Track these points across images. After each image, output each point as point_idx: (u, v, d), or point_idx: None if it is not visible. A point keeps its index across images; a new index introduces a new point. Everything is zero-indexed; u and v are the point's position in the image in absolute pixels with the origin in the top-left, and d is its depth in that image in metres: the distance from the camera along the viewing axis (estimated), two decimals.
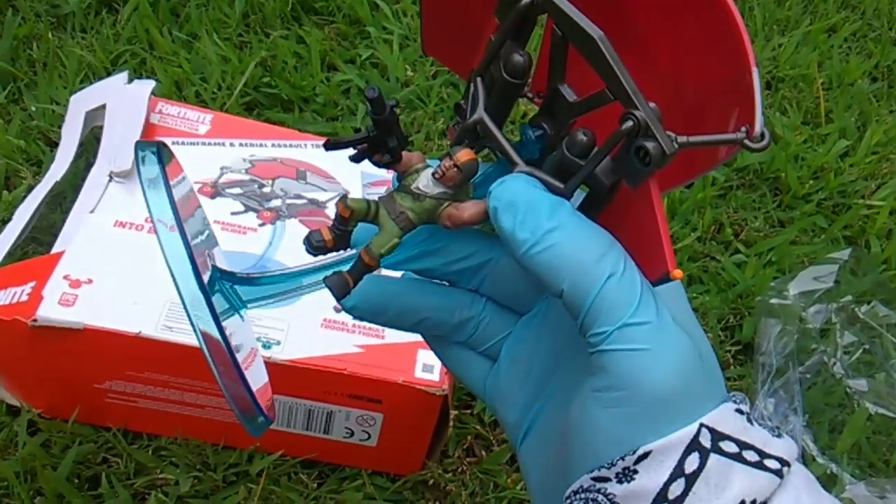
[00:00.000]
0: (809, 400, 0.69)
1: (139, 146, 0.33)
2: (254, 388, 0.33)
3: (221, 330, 0.32)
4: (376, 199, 0.31)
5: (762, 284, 0.77)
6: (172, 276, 0.32)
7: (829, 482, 0.65)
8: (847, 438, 0.67)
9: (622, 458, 0.27)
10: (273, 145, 0.69)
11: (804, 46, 1.07)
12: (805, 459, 0.66)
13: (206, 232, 0.39)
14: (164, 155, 0.33)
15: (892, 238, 0.86)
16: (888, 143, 0.97)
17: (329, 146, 0.31)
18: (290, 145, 0.69)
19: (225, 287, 0.37)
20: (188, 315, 0.32)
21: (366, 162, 0.32)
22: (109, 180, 0.62)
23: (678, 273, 0.27)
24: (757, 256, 0.82)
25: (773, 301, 0.74)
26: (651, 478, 0.27)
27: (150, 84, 0.68)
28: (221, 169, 0.66)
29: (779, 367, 0.69)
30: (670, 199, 0.84)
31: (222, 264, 0.37)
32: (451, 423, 0.60)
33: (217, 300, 0.34)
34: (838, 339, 0.71)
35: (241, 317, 0.37)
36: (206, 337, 0.33)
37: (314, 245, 0.31)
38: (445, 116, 0.86)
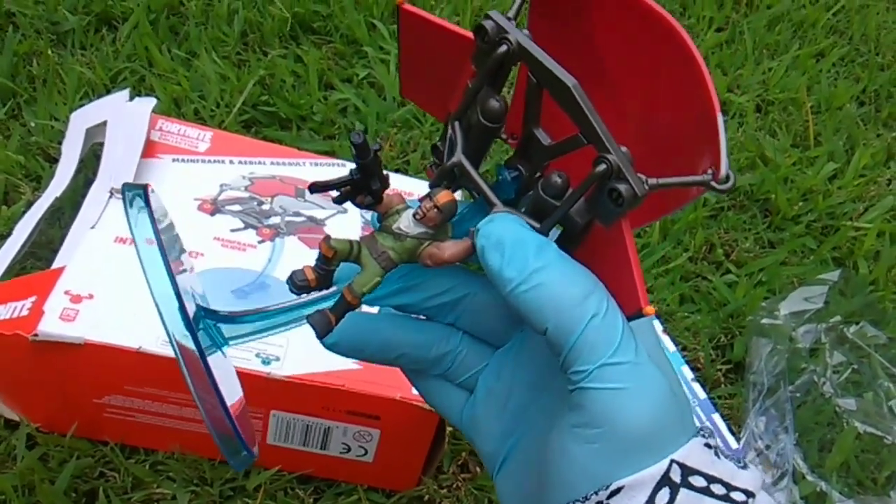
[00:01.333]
0: (800, 418, 0.70)
1: (126, 188, 0.34)
2: (230, 409, 0.34)
3: (207, 366, 0.33)
4: (358, 239, 0.32)
5: (753, 304, 0.78)
6: (156, 303, 0.33)
7: (818, 500, 0.66)
8: (836, 457, 0.68)
9: (595, 493, 0.28)
10: (272, 163, 0.70)
11: (793, 71, 1.08)
12: (795, 477, 0.67)
13: (178, 249, 0.39)
14: (148, 195, 0.34)
15: (880, 259, 0.88)
16: (875, 166, 0.99)
17: (314, 189, 0.32)
18: (289, 163, 0.70)
19: (209, 325, 0.37)
20: (170, 338, 0.32)
21: None
22: (110, 196, 0.63)
23: (650, 309, 0.28)
24: (748, 277, 0.83)
25: (764, 321, 0.75)
26: None
27: (151, 102, 0.69)
28: (221, 186, 0.67)
29: (770, 386, 0.70)
30: (662, 220, 0.86)
31: (199, 292, 0.38)
32: (447, 440, 0.61)
33: (201, 337, 0.34)
34: (828, 358, 0.72)
35: (223, 353, 0.38)
36: (189, 364, 0.33)
37: (297, 284, 0.32)
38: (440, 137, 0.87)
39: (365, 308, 0.34)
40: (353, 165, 0.32)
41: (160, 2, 0.92)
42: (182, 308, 0.32)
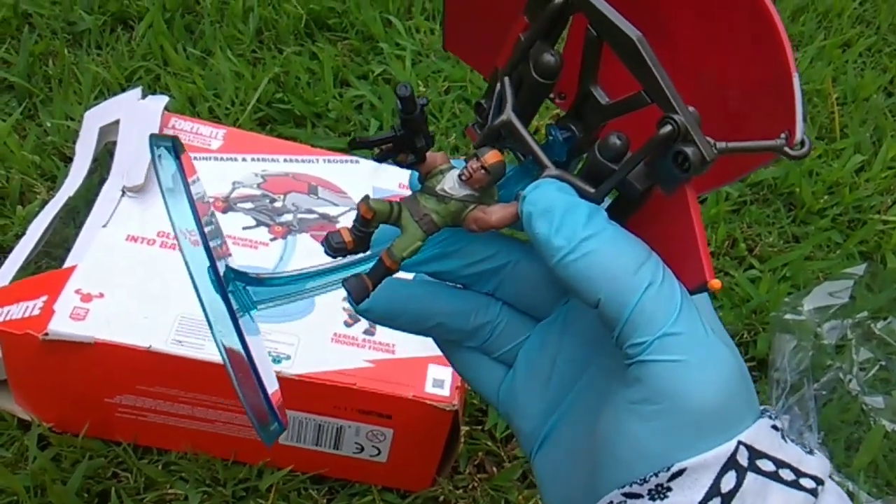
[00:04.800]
0: (825, 417, 0.68)
1: (153, 141, 0.32)
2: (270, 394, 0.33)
3: (243, 339, 0.32)
4: (399, 200, 0.30)
5: (776, 300, 0.77)
6: (195, 285, 0.32)
7: None
8: (863, 456, 0.66)
9: (656, 475, 0.26)
10: (285, 160, 0.69)
11: (819, 61, 1.06)
12: None
13: (219, 237, 0.39)
14: (179, 152, 0.32)
15: None
16: None
17: (354, 145, 0.30)
18: (302, 160, 0.70)
19: (238, 287, 0.36)
20: (209, 323, 0.32)
21: (378, 176, 0.32)
22: (122, 195, 0.63)
23: (716, 283, 0.26)
24: (771, 272, 0.81)
25: (788, 317, 0.73)
26: (685, 496, 0.26)
27: (163, 99, 0.68)
28: (233, 184, 0.66)
29: (793, 384, 0.68)
30: None
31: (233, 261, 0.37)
32: (462, 439, 0.60)
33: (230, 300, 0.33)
34: (854, 355, 0.70)
35: (251, 318, 0.37)
36: (226, 347, 0.32)
37: (333, 246, 0.30)
38: (458, 132, 0.87)
39: (400, 274, 0.33)
40: (369, 162, 0.30)
41: (175, 1, 0.92)
42: (213, 268, 0.31)
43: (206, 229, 0.33)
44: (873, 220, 0.88)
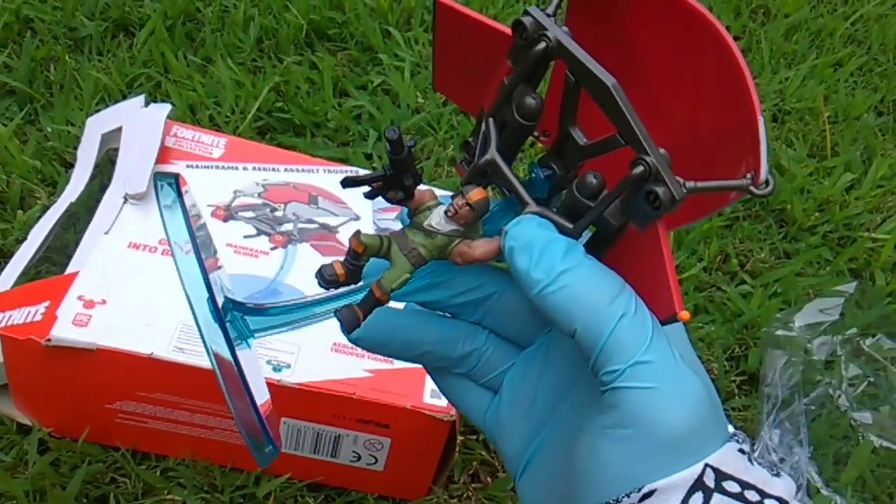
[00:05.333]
0: (814, 432, 0.69)
1: (157, 177, 0.34)
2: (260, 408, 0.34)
3: (235, 355, 0.33)
4: (388, 234, 0.32)
5: (768, 315, 0.78)
6: (189, 300, 0.33)
7: None
8: (851, 471, 0.67)
9: (627, 496, 0.28)
10: (285, 170, 0.70)
11: (811, 80, 1.08)
12: (810, 491, 0.66)
13: (209, 248, 0.40)
14: (180, 184, 0.34)
15: None
16: (893, 176, 0.98)
17: (346, 184, 0.32)
18: (303, 170, 0.70)
19: (236, 317, 0.37)
20: (203, 339, 0.33)
21: None
22: (124, 202, 0.63)
23: (685, 314, 0.28)
24: (763, 287, 0.83)
25: (779, 332, 0.74)
26: None
27: (166, 108, 0.69)
28: (234, 192, 0.67)
29: (784, 399, 0.69)
30: (677, 230, 0.85)
31: (229, 287, 0.38)
32: (458, 449, 0.61)
33: (228, 328, 0.34)
34: (843, 371, 0.72)
35: (249, 345, 0.38)
36: (219, 360, 0.33)
37: (327, 279, 0.32)
38: (455, 143, 0.87)
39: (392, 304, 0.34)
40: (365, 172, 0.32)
41: (177, 8, 0.92)
42: (212, 298, 0.33)
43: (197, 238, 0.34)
44: (863, 237, 0.89)
